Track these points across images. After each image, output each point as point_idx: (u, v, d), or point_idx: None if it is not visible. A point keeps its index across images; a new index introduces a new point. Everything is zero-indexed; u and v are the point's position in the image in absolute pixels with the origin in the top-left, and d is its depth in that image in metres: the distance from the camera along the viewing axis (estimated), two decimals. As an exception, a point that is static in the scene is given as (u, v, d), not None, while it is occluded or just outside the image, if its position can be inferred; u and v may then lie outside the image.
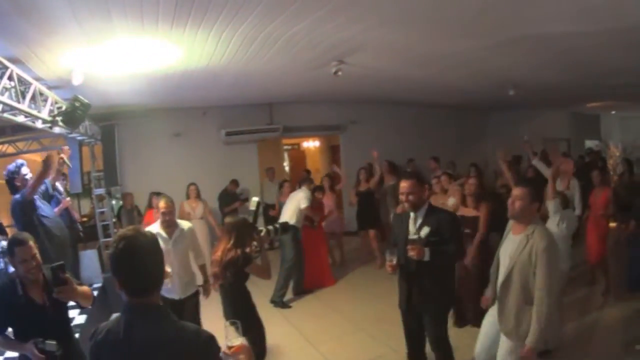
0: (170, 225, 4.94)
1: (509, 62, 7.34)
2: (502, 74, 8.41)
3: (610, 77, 8.85)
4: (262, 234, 4.92)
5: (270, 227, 5.48)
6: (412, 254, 3.78)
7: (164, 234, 4.84)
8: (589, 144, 18.91)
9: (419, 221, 4.05)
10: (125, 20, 4.41)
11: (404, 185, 4.08)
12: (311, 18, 4.77)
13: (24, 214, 5.28)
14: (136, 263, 1.88)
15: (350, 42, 5.85)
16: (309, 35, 5.40)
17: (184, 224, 5.16)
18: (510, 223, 3.75)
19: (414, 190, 4.04)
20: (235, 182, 10.32)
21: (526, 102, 12.92)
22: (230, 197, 10.14)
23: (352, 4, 4.45)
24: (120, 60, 5.70)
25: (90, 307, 3.39)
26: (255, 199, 5.91)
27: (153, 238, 1.98)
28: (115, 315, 2.04)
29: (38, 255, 3.26)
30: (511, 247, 3.54)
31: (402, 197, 4.10)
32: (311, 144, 16.32)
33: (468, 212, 5.96)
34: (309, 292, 7.99)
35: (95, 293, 6.35)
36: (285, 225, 6.32)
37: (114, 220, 8.88)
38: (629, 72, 8.16)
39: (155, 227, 4.88)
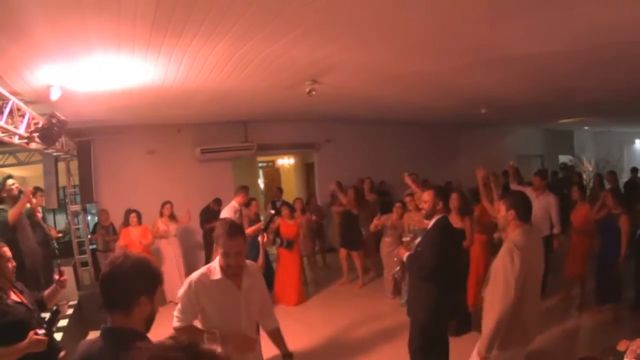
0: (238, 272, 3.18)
1: (479, 82, 7.55)
2: (473, 93, 8.63)
3: (579, 94, 9.11)
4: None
5: None
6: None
7: (229, 282, 3.15)
8: (563, 159, 19.27)
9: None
10: (102, 39, 4.50)
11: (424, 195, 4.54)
12: (285, 39, 4.90)
13: (2, 233, 5.33)
14: (115, 282, 1.94)
15: (324, 63, 5.98)
16: (283, 55, 5.52)
17: (249, 264, 3.35)
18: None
19: (429, 200, 4.42)
20: (218, 201, 10.36)
21: (498, 120, 13.25)
22: (212, 215, 10.20)
23: (324, 26, 4.60)
24: (96, 77, 5.77)
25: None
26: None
27: (140, 260, 2.03)
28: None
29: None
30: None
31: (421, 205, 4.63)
32: (286, 162, 16.42)
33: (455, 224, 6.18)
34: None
35: (71, 311, 6.38)
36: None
37: (89, 236, 8.89)
38: (596, 89, 8.45)
39: (215, 273, 3.16)
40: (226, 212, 7.63)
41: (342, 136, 12.68)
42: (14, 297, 3.33)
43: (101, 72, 5.62)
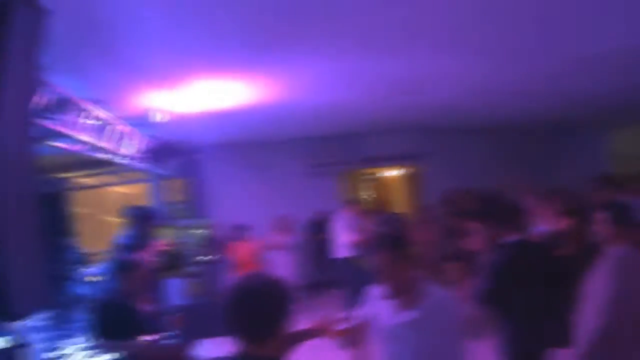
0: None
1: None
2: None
3: None
4: None
5: None
6: None
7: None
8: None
9: None
10: (204, 69, 4.77)
11: None
12: (387, 53, 4.90)
13: None
14: (250, 306, 1.77)
15: (427, 74, 5.91)
16: (387, 68, 5.50)
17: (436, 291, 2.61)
18: None
19: None
20: (325, 214, 10.38)
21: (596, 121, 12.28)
22: (321, 228, 10.25)
23: (427, 39, 4.61)
24: (202, 98, 5.98)
25: None
26: None
27: (271, 281, 1.87)
28: None
29: None
30: None
31: None
32: (391, 174, 16.14)
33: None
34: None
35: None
36: None
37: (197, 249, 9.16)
38: None
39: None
40: (340, 225, 7.55)
41: (448, 147, 12.13)
42: (141, 304, 3.77)
43: (204, 96, 5.80)
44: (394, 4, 3.62)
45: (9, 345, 5.80)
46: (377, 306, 2.64)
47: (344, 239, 7.67)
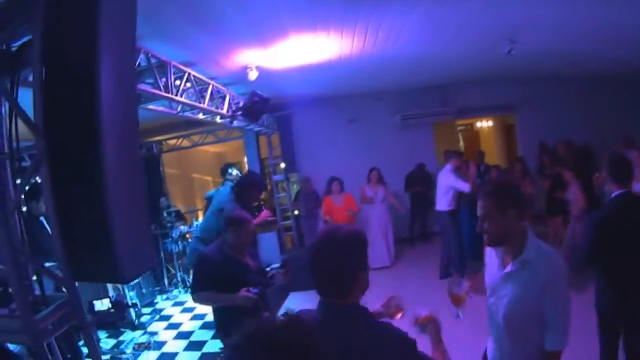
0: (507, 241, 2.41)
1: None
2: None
3: None
4: None
5: None
6: None
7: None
8: None
9: None
10: (297, 23, 4.77)
11: None
12: (482, 2, 4.72)
13: None
14: (332, 261, 1.77)
15: (521, 21, 5.58)
16: (480, 17, 5.30)
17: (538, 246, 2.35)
18: None
19: None
20: (421, 166, 10.37)
21: None
22: (417, 180, 10.23)
23: None
24: (293, 55, 5.99)
25: None
26: None
27: (354, 233, 1.84)
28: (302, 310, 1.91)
29: None
30: None
31: None
32: (484, 124, 15.64)
33: None
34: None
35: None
36: None
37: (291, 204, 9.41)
38: None
39: None
40: (445, 177, 7.44)
41: (542, 96, 11.42)
42: (245, 260, 3.90)
43: (297, 51, 5.83)
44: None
45: (110, 305, 6.40)
46: (489, 257, 2.61)
47: (441, 192, 7.54)
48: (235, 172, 6.76)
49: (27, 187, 2.34)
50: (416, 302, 2.32)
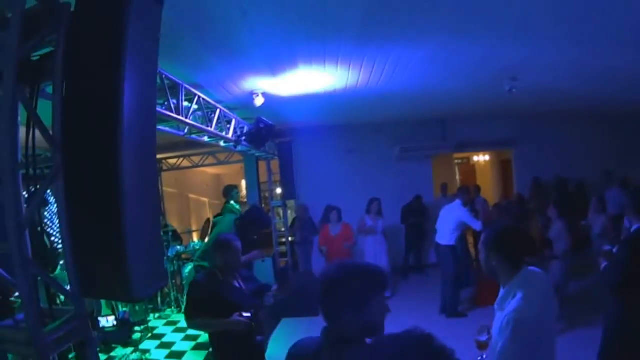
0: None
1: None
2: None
3: None
4: None
5: None
6: None
7: None
8: None
9: None
10: (308, 56, 4.91)
11: None
12: (485, 43, 4.86)
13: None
14: (334, 303, 1.81)
15: (525, 61, 5.74)
16: (486, 59, 5.48)
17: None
18: None
19: None
20: (419, 198, 10.41)
21: None
22: (414, 212, 10.26)
23: (524, 28, 4.48)
24: (298, 83, 6.10)
25: None
26: None
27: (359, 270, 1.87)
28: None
29: None
30: None
31: None
32: (481, 158, 15.82)
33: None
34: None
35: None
36: None
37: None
38: None
39: None
40: (457, 212, 7.39)
41: (540, 133, 11.62)
42: (236, 283, 3.85)
43: (305, 81, 5.95)
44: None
45: (114, 323, 6.33)
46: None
47: (448, 227, 7.47)
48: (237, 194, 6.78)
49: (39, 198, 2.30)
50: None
